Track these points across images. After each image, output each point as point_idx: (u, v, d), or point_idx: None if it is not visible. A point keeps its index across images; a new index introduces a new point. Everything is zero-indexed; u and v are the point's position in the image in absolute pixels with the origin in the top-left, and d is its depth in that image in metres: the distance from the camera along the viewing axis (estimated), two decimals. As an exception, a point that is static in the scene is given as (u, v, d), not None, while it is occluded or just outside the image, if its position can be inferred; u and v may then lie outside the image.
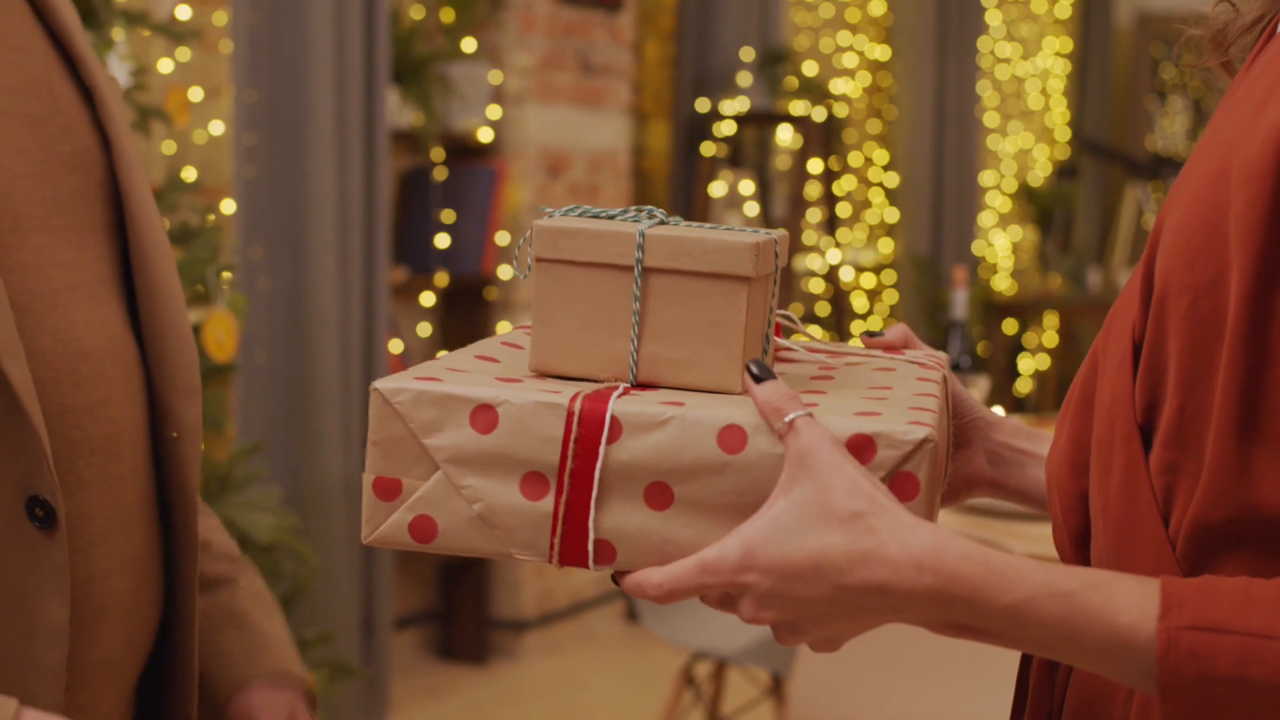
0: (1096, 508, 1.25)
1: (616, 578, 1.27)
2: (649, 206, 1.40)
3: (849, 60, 9.00)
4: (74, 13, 1.51)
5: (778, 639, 1.22)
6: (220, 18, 4.58)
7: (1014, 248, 10.75)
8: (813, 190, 7.99)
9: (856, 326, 9.05)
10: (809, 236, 8.12)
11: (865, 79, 9.23)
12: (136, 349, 1.47)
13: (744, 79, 7.35)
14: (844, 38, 8.95)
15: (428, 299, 5.93)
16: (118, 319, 1.45)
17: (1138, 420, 1.21)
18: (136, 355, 1.47)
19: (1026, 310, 10.07)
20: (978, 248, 9.73)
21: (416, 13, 5.76)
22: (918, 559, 1.13)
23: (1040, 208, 10.57)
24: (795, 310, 8.23)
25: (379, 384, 1.27)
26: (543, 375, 1.34)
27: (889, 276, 9.27)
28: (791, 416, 1.19)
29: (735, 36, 7.33)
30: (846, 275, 8.76)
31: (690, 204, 7.34)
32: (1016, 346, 10.39)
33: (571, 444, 1.24)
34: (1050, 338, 10.62)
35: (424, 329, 5.98)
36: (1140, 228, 10.85)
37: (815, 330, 1.61)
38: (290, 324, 4.84)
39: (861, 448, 1.20)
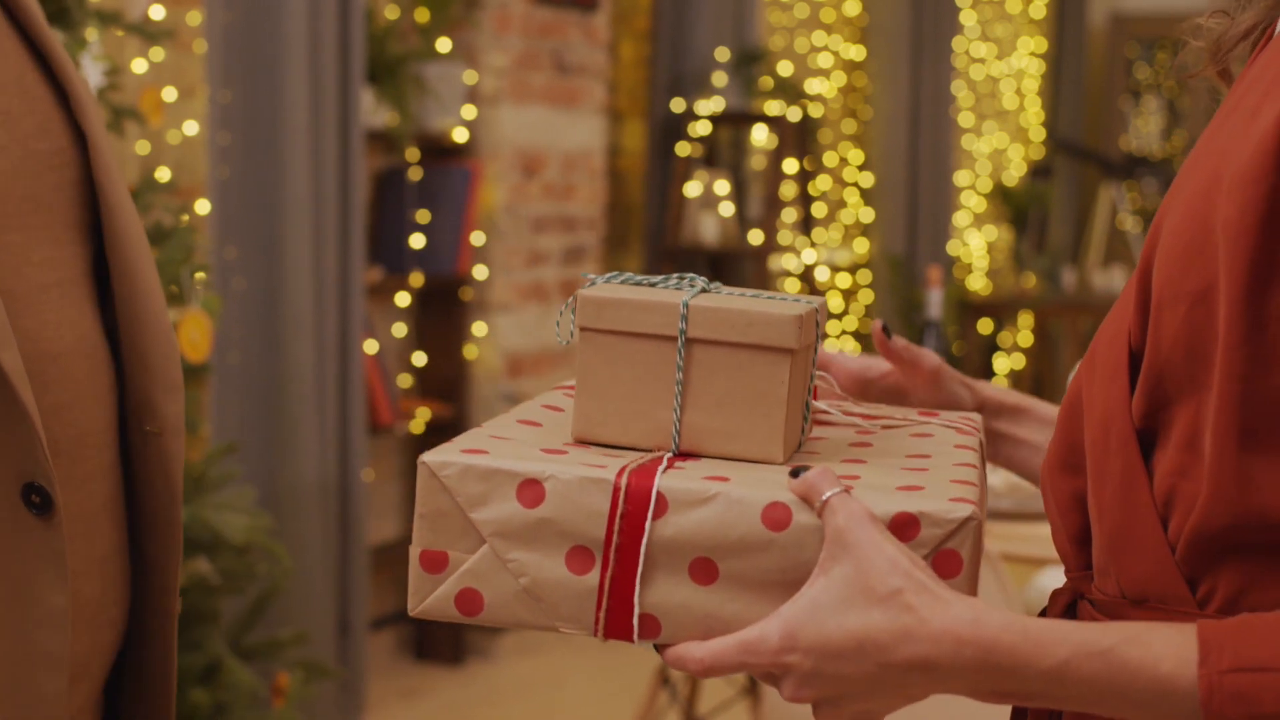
0: (1094, 512, 1.26)
1: (658, 648, 1.28)
2: (690, 274, 1.42)
3: (824, 60, 9.01)
4: (43, 18, 1.51)
5: (816, 716, 1.23)
6: (194, 17, 4.57)
7: (989, 247, 10.77)
8: (788, 190, 7.99)
9: (833, 326, 9.06)
10: (784, 236, 8.12)
11: (840, 79, 9.24)
12: (107, 348, 1.47)
13: (719, 79, 7.35)
14: (819, 38, 8.96)
15: (403, 299, 5.92)
16: (89, 318, 1.45)
17: (1135, 425, 1.21)
18: (107, 355, 1.46)
19: (1001, 310, 10.08)
20: (953, 247, 9.75)
21: (391, 12, 5.75)
22: (957, 633, 1.14)
23: (1015, 207, 10.59)
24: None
25: (426, 457, 1.28)
26: (585, 443, 1.36)
27: (864, 276, 9.28)
28: (828, 495, 1.20)
29: (710, 36, 7.33)
30: (822, 275, 8.77)
31: (665, 204, 7.34)
32: (991, 346, 10.40)
33: (618, 519, 1.25)
34: (1025, 337, 10.64)
35: (399, 329, 5.97)
36: (1115, 227, 10.87)
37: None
38: (265, 324, 4.83)
39: (905, 526, 1.21)
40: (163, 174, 3.96)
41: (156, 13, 4.24)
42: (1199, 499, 1.15)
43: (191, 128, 4.55)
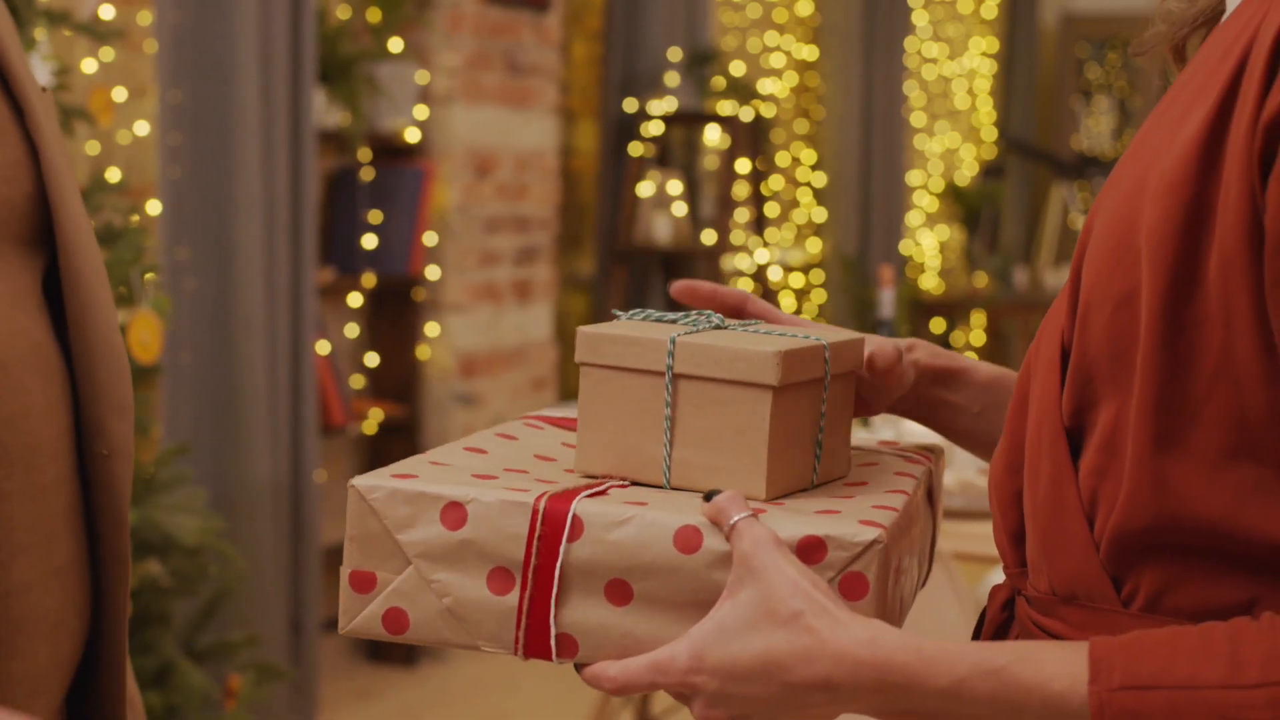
0: (1028, 509, 1.28)
1: (577, 667, 1.30)
2: (709, 311, 1.45)
3: (776, 60, 9.02)
4: (10, 26, 1.49)
5: None
6: (144, 17, 4.56)
7: (941, 247, 10.80)
8: (741, 190, 8.00)
9: (785, 326, 9.06)
10: (737, 236, 8.13)
11: (793, 79, 9.25)
12: (61, 359, 1.45)
13: (672, 79, 7.35)
14: (771, 38, 8.97)
15: (355, 299, 5.91)
16: (41, 329, 1.43)
17: (1065, 424, 1.23)
18: (61, 365, 1.45)
19: (954, 309, 10.12)
20: (905, 247, 9.78)
21: (343, 12, 5.74)
22: (854, 654, 1.16)
23: (967, 207, 10.63)
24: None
25: (356, 481, 1.32)
26: (587, 476, 1.39)
27: (817, 276, 9.30)
28: (735, 519, 1.22)
29: (663, 37, 7.34)
30: (775, 275, 8.78)
31: (618, 204, 7.34)
32: (944, 345, 10.41)
33: (535, 541, 1.27)
34: (978, 336, 10.68)
35: (351, 330, 5.96)
36: (1066, 226, 10.91)
37: None
38: (216, 325, 4.81)
39: (813, 549, 1.23)
40: (113, 174, 3.95)
41: (106, 12, 4.22)
42: (1118, 499, 1.17)
43: (142, 128, 4.53)
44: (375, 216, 5.85)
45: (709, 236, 7.42)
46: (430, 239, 5.97)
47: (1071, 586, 1.22)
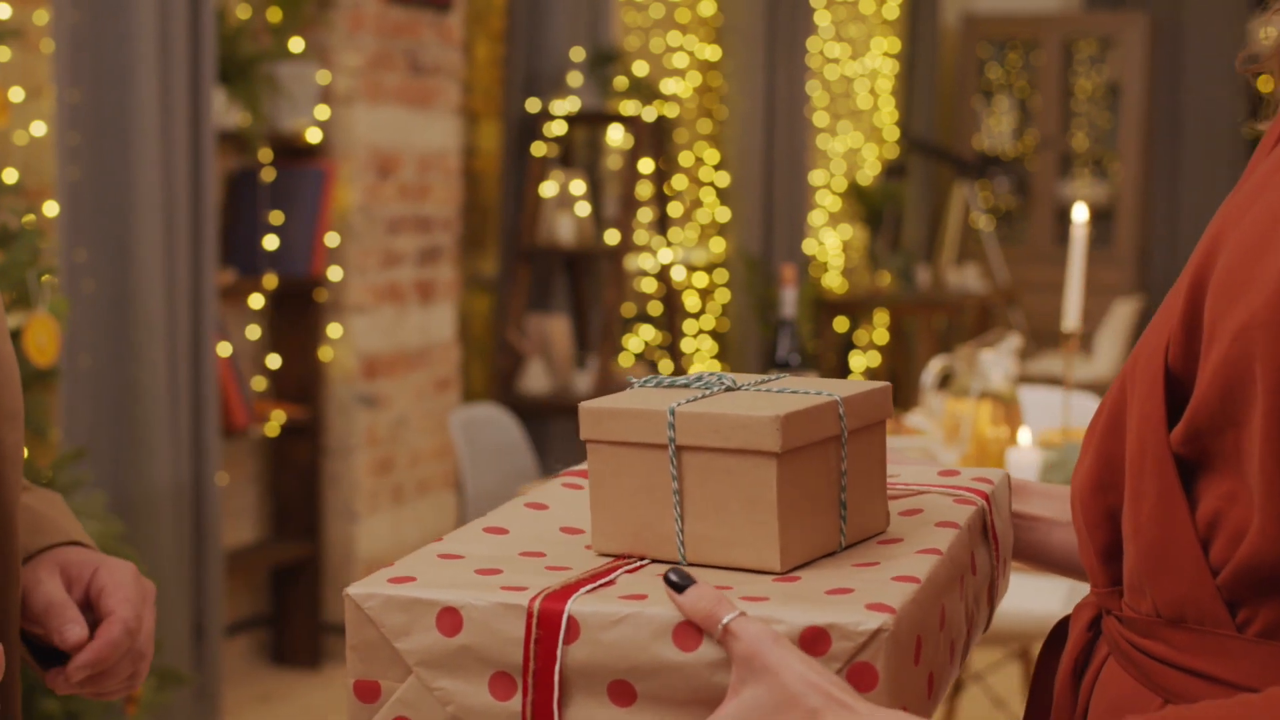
0: (1128, 530, 1.24)
1: None
2: (719, 373, 1.39)
3: (679, 60, 9.03)
4: None
5: None
6: (41, 16, 4.51)
7: (844, 246, 10.85)
8: (644, 190, 8.00)
9: (689, 325, 9.09)
10: (640, 236, 8.14)
11: (695, 79, 9.27)
12: None
13: (574, 79, 7.35)
14: (674, 38, 8.98)
15: (256, 301, 5.87)
16: None
17: (1175, 448, 1.19)
18: None
19: (857, 308, 10.17)
20: (808, 246, 9.81)
21: (243, 12, 5.70)
22: None
23: (869, 206, 10.68)
24: (627, 310, 8.25)
25: (352, 590, 1.28)
26: (604, 555, 1.35)
27: (721, 275, 9.32)
28: (725, 620, 1.17)
29: (565, 37, 7.33)
30: (678, 274, 8.79)
31: (521, 204, 7.33)
32: (847, 344, 10.48)
33: (532, 645, 1.23)
34: (880, 335, 10.73)
35: (253, 331, 5.92)
36: (968, 225, 10.99)
37: (648, 331, 1.61)
38: (116, 327, 4.77)
39: (816, 640, 1.17)
40: (10, 175, 3.91)
41: (2, 11, 4.17)
42: (1249, 530, 1.13)
43: (39, 128, 4.48)
44: (276, 217, 5.82)
45: (612, 236, 7.42)
46: (332, 240, 5.95)
47: (1180, 609, 1.19)
